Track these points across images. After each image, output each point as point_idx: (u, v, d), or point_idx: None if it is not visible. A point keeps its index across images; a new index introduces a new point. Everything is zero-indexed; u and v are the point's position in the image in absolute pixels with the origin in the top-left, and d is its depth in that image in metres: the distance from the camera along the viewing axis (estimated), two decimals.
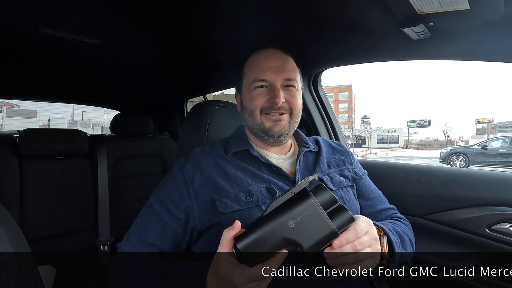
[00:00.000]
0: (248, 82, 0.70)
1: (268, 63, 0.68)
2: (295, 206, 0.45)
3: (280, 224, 0.45)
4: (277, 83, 0.67)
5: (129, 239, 0.64)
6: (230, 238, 0.46)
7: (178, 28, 0.95)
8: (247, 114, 0.70)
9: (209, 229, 0.64)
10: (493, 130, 24.33)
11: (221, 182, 0.64)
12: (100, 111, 25.78)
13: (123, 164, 1.62)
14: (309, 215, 0.45)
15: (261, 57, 0.70)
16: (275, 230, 0.45)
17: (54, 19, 0.91)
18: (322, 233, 0.45)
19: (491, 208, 0.80)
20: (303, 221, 0.45)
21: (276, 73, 0.67)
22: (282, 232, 0.44)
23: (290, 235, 0.44)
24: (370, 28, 0.80)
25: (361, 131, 29.81)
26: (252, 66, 0.70)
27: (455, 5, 0.59)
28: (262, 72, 0.67)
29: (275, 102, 0.66)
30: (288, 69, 0.69)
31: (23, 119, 21.25)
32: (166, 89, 1.86)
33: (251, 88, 0.69)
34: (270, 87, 0.67)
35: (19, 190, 1.30)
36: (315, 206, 0.45)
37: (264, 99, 0.67)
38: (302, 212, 0.45)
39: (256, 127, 0.69)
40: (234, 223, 0.46)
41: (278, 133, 0.68)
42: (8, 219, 0.55)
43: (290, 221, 0.45)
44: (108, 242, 1.42)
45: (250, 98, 0.69)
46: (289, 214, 0.45)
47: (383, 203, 0.76)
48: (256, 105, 0.68)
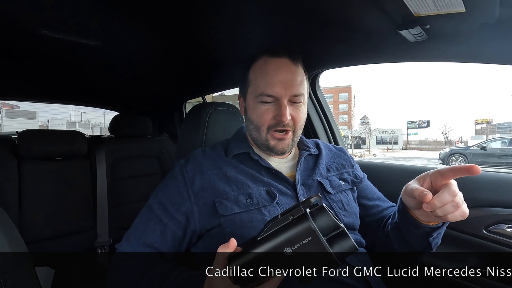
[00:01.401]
0: (254, 92, 0.68)
1: (277, 76, 0.65)
2: (293, 231, 0.42)
3: (276, 250, 0.42)
4: (284, 100, 0.65)
5: (128, 240, 0.64)
6: (225, 257, 0.44)
7: (178, 27, 0.96)
8: (252, 126, 0.69)
9: (209, 232, 0.63)
10: (492, 131, 24.37)
11: (221, 185, 0.64)
12: (99, 112, 25.81)
13: (122, 165, 1.62)
14: (308, 243, 0.42)
15: (269, 68, 0.66)
16: (271, 256, 0.42)
17: (53, 20, 0.91)
18: (321, 261, 0.42)
19: (489, 210, 0.80)
20: (301, 249, 0.42)
21: (284, 88, 0.65)
22: (278, 259, 0.42)
23: (287, 263, 0.42)
24: (368, 30, 0.81)
25: (360, 132, 29.84)
26: (261, 76, 0.67)
27: (451, 7, 0.60)
28: (270, 87, 0.65)
29: (281, 120, 0.65)
30: (296, 84, 0.66)
31: (22, 120, 21.22)
32: (165, 90, 1.86)
33: (257, 101, 0.67)
34: (277, 102, 0.66)
35: (17, 191, 1.30)
36: (314, 233, 0.42)
37: (270, 115, 0.66)
38: (300, 239, 0.42)
39: (260, 141, 0.69)
40: (230, 241, 0.45)
41: (282, 150, 0.68)
42: (6, 220, 0.55)
43: (287, 249, 0.42)
44: (107, 243, 1.41)
45: (256, 113, 0.67)
46: (286, 241, 0.42)
47: (387, 202, 0.78)
48: (263, 122, 0.67)
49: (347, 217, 0.68)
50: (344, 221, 0.66)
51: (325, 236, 0.42)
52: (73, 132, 1.52)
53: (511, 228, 0.76)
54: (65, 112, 25.84)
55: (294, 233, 0.42)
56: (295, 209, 0.44)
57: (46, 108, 23.92)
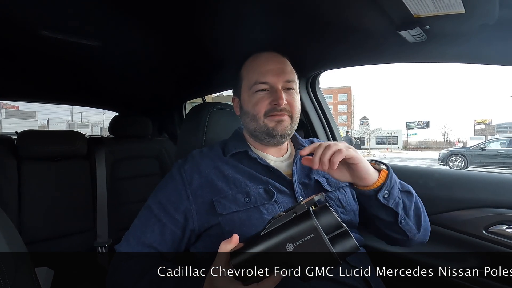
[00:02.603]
0: (248, 85, 0.70)
1: (268, 66, 0.68)
2: (296, 228, 0.42)
3: (278, 247, 0.42)
4: (278, 85, 0.67)
5: (127, 240, 0.64)
6: (227, 253, 0.45)
7: (178, 27, 0.96)
8: (248, 118, 0.70)
9: (207, 231, 0.64)
10: (492, 132, 24.37)
11: (219, 184, 0.65)
12: (99, 112, 25.73)
13: (122, 165, 1.62)
14: (310, 240, 0.42)
15: (260, 60, 0.70)
16: (272, 252, 0.42)
17: (53, 21, 0.92)
18: (322, 260, 0.42)
19: (488, 210, 0.80)
20: (302, 246, 0.42)
21: (277, 75, 0.68)
22: (279, 255, 0.42)
23: (288, 259, 0.42)
24: (368, 31, 0.81)
25: (360, 133, 29.85)
26: (252, 69, 0.70)
27: (451, 8, 0.60)
28: (263, 75, 0.68)
29: (278, 104, 0.66)
30: (287, 71, 0.69)
31: (21, 120, 21.19)
32: (165, 91, 1.86)
33: (251, 92, 0.69)
34: (272, 89, 0.67)
35: (17, 192, 1.30)
36: (316, 231, 0.42)
37: (266, 102, 0.67)
38: (302, 236, 0.42)
39: (259, 129, 0.69)
40: (232, 236, 0.45)
41: (282, 132, 0.68)
42: (5, 221, 0.55)
43: (288, 245, 0.42)
44: (106, 244, 1.41)
45: (252, 103, 0.69)
46: (288, 237, 0.42)
47: None
48: (259, 109, 0.67)
49: (345, 215, 0.68)
50: (342, 219, 0.66)
51: (327, 234, 0.42)
52: (73, 132, 1.52)
53: (510, 228, 0.77)
54: (65, 112, 25.82)
55: (296, 230, 0.42)
56: (298, 206, 0.45)
57: (46, 108, 23.89)
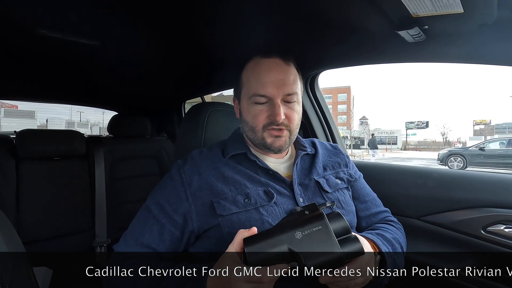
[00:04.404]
0: (247, 94, 0.68)
1: (269, 76, 0.65)
2: (306, 220, 0.45)
3: (287, 233, 0.44)
4: (278, 99, 0.65)
5: (125, 240, 0.64)
6: (241, 238, 0.48)
7: (178, 27, 0.96)
8: (247, 127, 0.69)
9: (207, 232, 0.64)
10: (491, 132, 24.43)
11: (219, 185, 0.65)
12: (98, 112, 25.73)
13: (121, 165, 1.62)
14: (318, 231, 0.44)
15: (261, 68, 0.67)
16: (282, 237, 0.44)
17: (52, 20, 0.91)
18: (328, 255, 0.43)
19: (487, 210, 0.80)
20: (310, 236, 0.44)
21: (277, 88, 0.65)
22: (288, 241, 0.44)
23: (295, 246, 0.44)
24: (367, 31, 0.81)
25: (359, 133, 29.86)
26: (253, 77, 0.67)
27: (449, 8, 0.60)
28: (262, 87, 0.65)
29: (275, 120, 0.65)
30: (289, 83, 0.66)
31: (21, 120, 21.16)
32: (164, 90, 1.86)
33: (250, 102, 0.67)
34: (270, 102, 0.66)
35: (15, 191, 1.29)
36: (326, 224, 0.44)
37: (265, 115, 0.66)
38: (312, 226, 0.44)
39: (257, 141, 0.69)
40: (252, 228, 0.50)
41: (279, 148, 0.68)
42: (3, 220, 0.55)
43: (297, 232, 0.44)
44: (105, 243, 1.41)
45: (251, 114, 0.68)
46: (298, 226, 0.45)
47: (378, 206, 0.77)
48: (257, 122, 0.67)
49: (345, 216, 0.68)
50: None
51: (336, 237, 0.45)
52: (72, 132, 1.52)
53: (508, 228, 0.77)
54: (64, 112, 25.76)
55: (305, 220, 0.45)
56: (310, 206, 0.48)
57: (45, 108, 23.85)
